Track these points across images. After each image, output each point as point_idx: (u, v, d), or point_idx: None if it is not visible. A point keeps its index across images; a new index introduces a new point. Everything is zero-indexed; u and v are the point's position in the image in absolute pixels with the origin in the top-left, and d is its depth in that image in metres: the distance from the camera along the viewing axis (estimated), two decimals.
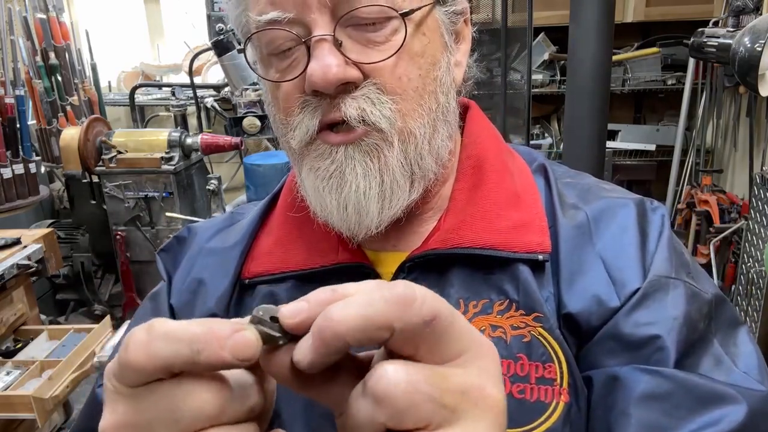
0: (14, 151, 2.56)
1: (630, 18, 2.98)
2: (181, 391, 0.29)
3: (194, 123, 3.28)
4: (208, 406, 0.29)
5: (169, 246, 0.73)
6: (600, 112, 1.73)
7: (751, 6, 2.18)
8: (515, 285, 0.56)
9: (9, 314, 1.94)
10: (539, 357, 0.54)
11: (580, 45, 1.69)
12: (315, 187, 0.57)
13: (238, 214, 0.74)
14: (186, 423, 0.29)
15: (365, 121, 0.53)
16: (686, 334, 0.53)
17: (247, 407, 0.31)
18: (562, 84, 3.11)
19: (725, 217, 2.67)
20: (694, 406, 0.49)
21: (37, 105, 2.99)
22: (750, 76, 1.75)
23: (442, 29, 0.58)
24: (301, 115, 0.55)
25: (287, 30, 0.53)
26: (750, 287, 2.18)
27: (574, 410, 0.53)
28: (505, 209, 0.59)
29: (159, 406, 0.29)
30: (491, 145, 0.65)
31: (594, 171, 1.75)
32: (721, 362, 0.53)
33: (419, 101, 0.55)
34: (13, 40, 2.80)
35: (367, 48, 0.53)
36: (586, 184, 0.65)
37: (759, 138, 2.60)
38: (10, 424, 1.81)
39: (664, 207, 0.62)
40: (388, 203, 0.55)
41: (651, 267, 0.56)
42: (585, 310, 0.54)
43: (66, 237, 2.92)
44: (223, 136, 2.73)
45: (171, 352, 0.28)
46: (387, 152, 0.54)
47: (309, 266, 0.61)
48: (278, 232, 0.65)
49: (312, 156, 0.56)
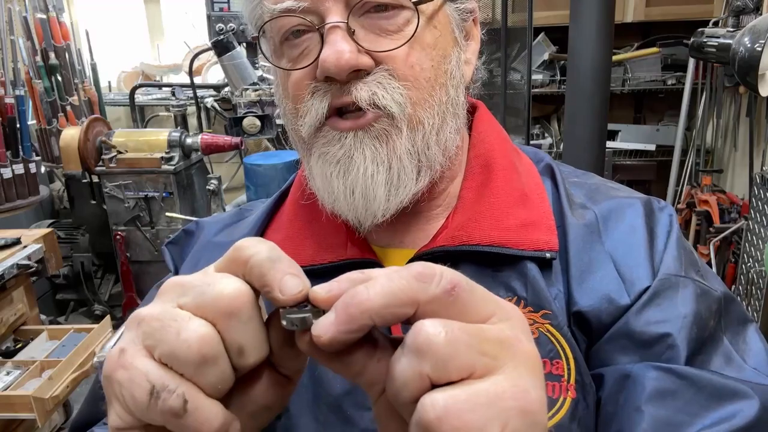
0: (14, 151, 2.56)
1: (630, 18, 2.98)
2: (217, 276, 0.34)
3: (194, 123, 3.28)
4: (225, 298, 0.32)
5: (177, 238, 0.74)
6: (600, 112, 1.73)
7: (751, 6, 2.18)
8: (523, 282, 0.57)
9: (9, 314, 1.94)
10: (547, 353, 0.54)
11: (580, 45, 1.69)
12: (323, 174, 0.57)
13: (246, 211, 0.75)
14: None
15: (376, 105, 0.54)
16: (696, 332, 0.54)
17: (244, 339, 0.33)
18: (562, 84, 3.11)
19: (725, 217, 2.67)
20: (707, 402, 0.50)
21: (37, 105, 2.99)
22: (750, 76, 1.75)
23: (452, 24, 0.59)
24: (312, 100, 0.55)
25: (301, 17, 0.54)
26: (750, 287, 2.18)
27: (581, 406, 0.54)
28: (513, 208, 0.60)
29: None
30: (499, 144, 0.65)
31: (594, 171, 1.74)
32: (732, 359, 0.54)
33: (430, 92, 0.56)
34: (13, 40, 2.80)
35: (379, 37, 0.54)
36: (593, 184, 0.66)
37: (759, 138, 2.60)
38: (10, 424, 1.81)
39: (671, 207, 0.63)
40: (395, 190, 0.56)
41: (661, 266, 0.57)
42: (595, 307, 0.55)
43: (66, 237, 2.92)
44: (223, 136, 2.73)
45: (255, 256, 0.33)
46: (396, 138, 0.55)
47: (318, 262, 0.61)
48: (287, 229, 0.65)
49: (321, 143, 0.57)
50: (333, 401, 0.56)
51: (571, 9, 1.70)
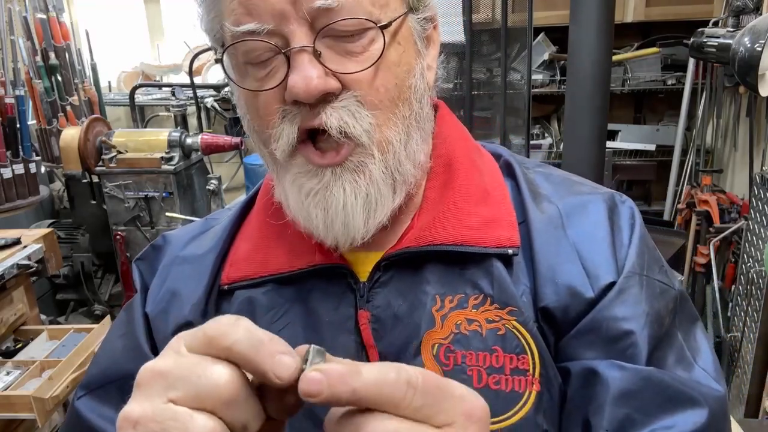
0: (14, 151, 2.56)
1: (630, 18, 2.98)
2: (212, 363, 0.34)
3: (194, 123, 3.28)
4: (224, 385, 0.33)
5: (146, 254, 0.74)
6: (600, 112, 1.73)
7: (751, 6, 2.18)
8: (489, 280, 0.58)
9: (9, 314, 1.94)
10: (513, 349, 0.56)
11: (580, 45, 1.69)
12: (299, 200, 0.57)
13: (212, 220, 0.75)
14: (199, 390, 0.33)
15: (346, 134, 0.54)
16: (655, 329, 0.56)
17: (246, 417, 0.34)
18: (562, 84, 3.11)
19: (725, 217, 2.66)
20: (664, 404, 0.53)
21: (37, 105, 2.99)
22: (750, 76, 1.75)
23: (414, 36, 0.59)
24: (282, 125, 0.55)
25: (265, 41, 0.53)
26: (750, 287, 2.18)
27: (546, 398, 0.56)
28: (475, 206, 0.61)
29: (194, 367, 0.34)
30: (460, 144, 0.66)
31: (594, 171, 1.75)
32: (683, 358, 0.57)
33: (393, 110, 0.56)
34: (13, 40, 2.80)
35: (345, 58, 0.54)
36: (557, 176, 0.68)
37: (759, 138, 2.60)
38: (10, 424, 1.81)
39: (632, 201, 0.65)
40: (373, 214, 0.57)
41: (626, 261, 0.58)
42: (561, 302, 0.57)
43: (66, 237, 2.91)
44: (223, 136, 2.73)
45: (244, 339, 0.34)
46: (371, 165, 0.56)
47: (287, 269, 0.61)
48: (256, 237, 0.66)
49: (295, 171, 0.57)
50: (307, 407, 0.56)
51: (571, 9, 1.70)
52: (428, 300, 0.58)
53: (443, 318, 0.58)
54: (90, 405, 0.62)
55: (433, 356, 0.57)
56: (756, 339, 2.08)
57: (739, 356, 2.27)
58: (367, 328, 0.59)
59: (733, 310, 2.40)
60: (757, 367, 2.10)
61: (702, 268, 2.69)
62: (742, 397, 2.19)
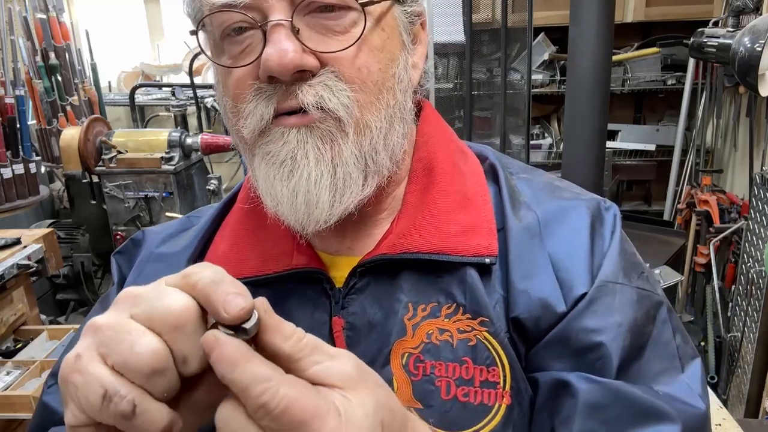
0: (14, 151, 2.56)
1: (630, 18, 2.98)
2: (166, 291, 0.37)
3: (194, 123, 3.28)
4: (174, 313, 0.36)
5: (125, 248, 0.73)
6: (600, 112, 1.73)
7: (751, 6, 2.18)
8: (463, 289, 0.57)
9: (9, 314, 1.94)
10: (484, 361, 0.55)
11: (580, 45, 1.69)
12: (266, 176, 0.56)
13: (194, 218, 0.74)
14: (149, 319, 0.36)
15: (323, 108, 0.52)
16: (631, 340, 0.54)
17: (188, 349, 0.36)
18: (562, 84, 3.11)
19: (725, 217, 2.66)
20: (632, 419, 0.51)
21: (37, 105, 2.99)
22: (750, 76, 1.75)
23: (400, 27, 0.58)
24: (254, 102, 0.54)
25: (243, 13, 0.52)
26: (750, 287, 2.18)
27: (516, 412, 0.55)
28: (454, 212, 0.60)
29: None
30: (443, 146, 0.64)
31: (594, 171, 1.75)
32: (672, 367, 0.55)
33: (377, 95, 0.55)
34: (13, 40, 2.80)
35: (325, 37, 0.53)
36: (540, 182, 0.65)
37: (759, 138, 2.60)
38: (10, 424, 1.81)
39: (616, 206, 0.63)
40: (340, 196, 0.55)
41: (599, 271, 0.57)
42: (533, 314, 0.55)
43: (66, 237, 2.91)
44: (223, 136, 2.73)
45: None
46: (341, 141, 0.54)
47: (264, 272, 0.60)
48: (234, 234, 0.65)
49: (264, 141, 0.55)
50: None
51: (571, 9, 1.70)
52: (401, 308, 0.57)
53: (414, 327, 0.56)
54: (59, 397, 0.61)
55: (402, 365, 0.56)
56: (756, 339, 2.08)
57: (739, 356, 2.27)
58: (341, 336, 0.58)
59: (733, 310, 2.40)
60: (757, 367, 2.10)
61: (702, 268, 2.69)
62: (742, 397, 2.19)
